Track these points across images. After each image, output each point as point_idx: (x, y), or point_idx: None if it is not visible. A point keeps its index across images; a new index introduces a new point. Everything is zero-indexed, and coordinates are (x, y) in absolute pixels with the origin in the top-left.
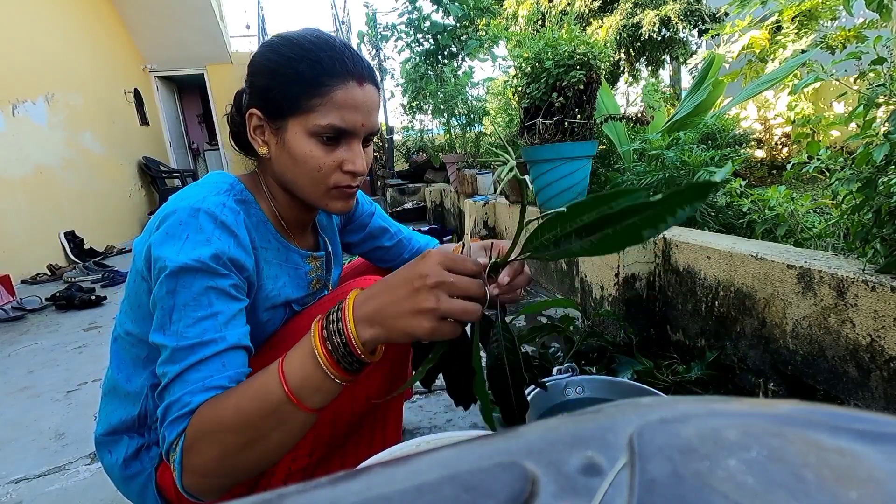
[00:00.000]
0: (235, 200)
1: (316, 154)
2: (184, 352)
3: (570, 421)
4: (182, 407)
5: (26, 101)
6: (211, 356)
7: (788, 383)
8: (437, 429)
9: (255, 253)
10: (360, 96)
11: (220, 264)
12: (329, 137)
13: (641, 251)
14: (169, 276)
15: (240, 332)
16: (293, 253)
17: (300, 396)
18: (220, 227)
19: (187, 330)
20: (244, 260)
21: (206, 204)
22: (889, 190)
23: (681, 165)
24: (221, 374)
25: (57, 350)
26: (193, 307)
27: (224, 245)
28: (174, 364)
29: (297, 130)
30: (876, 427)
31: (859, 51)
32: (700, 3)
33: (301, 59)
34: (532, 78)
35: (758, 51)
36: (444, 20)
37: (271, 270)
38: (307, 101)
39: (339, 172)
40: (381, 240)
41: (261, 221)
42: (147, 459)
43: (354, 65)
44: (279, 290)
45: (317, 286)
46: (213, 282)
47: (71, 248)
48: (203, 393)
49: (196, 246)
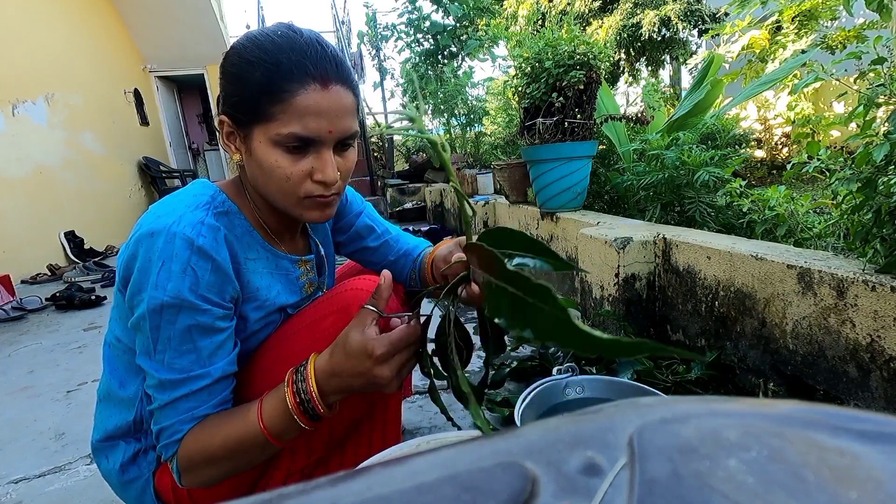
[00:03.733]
0: (216, 214)
1: (282, 164)
2: (171, 384)
3: (570, 421)
4: (173, 433)
5: (26, 101)
6: (197, 390)
7: (788, 383)
8: (437, 429)
9: (240, 267)
10: (325, 101)
11: (199, 297)
12: (294, 146)
13: (641, 251)
14: (151, 312)
15: (223, 363)
16: (282, 259)
17: (276, 436)
18: (196, 252)
19: (173, 361)
20: (222, 284)
21: (182, 226)
22: (889, 190)
23: (680, 165)
24: (207, 403)
25: (57, 350)
26: (178, 342)
27: (202, 273)
28: (164, 393)
29: (261, 140)
30: (876, 427)
31: (859, 51)
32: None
33: (259, 62)
34: (532, 78)
35: (758, 51)
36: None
37: (263, 280)
38: (267, 109)
39: (309, 182)
40: (366, 240)
41: (246, 231)
42: (144, 464)
43: (317, 66)
44: (273, 298)
45: (310, 289)
46: (193, 319)
47: (71, 248)
48: (191, 422)
49: (173, 278)
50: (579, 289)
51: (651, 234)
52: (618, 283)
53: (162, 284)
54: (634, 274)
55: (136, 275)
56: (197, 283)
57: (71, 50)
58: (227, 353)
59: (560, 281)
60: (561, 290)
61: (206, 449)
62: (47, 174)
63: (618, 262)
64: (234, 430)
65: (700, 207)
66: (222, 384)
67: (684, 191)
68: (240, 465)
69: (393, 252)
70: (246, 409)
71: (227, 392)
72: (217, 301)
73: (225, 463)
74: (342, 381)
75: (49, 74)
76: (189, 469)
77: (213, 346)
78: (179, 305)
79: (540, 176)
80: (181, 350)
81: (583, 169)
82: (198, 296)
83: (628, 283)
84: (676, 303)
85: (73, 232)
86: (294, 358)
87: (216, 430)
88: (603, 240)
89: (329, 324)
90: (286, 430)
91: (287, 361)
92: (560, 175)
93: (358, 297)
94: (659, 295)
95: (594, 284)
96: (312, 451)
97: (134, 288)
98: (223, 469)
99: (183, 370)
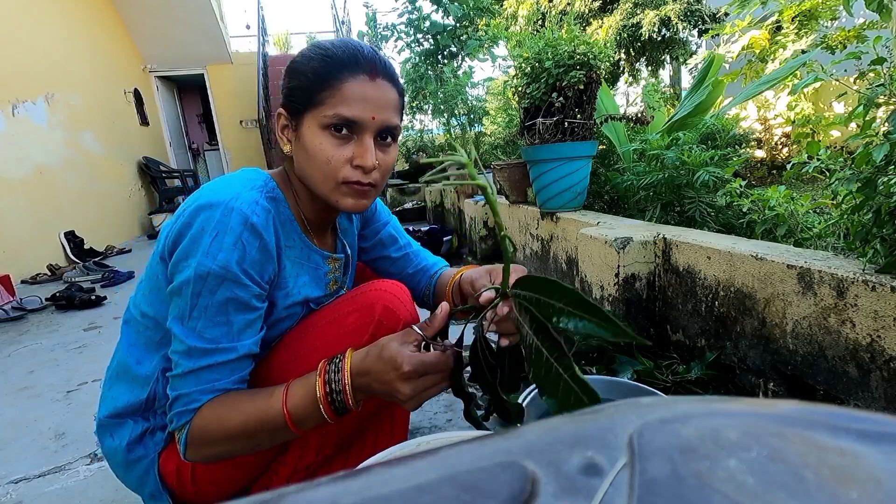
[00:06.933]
0: (267, 198)
1: (325, 147)
2: (200, 352)
3: (570, 421)
4: (190, 402)
5: (26, 101)
6: (223, 363)
7: (788, 383)
8: (437, 429)
9: (280, 252)
10: (371, 90)
11: (243, 272)
12: (338, 129)
13: (641, 251)
14: (197, 278)
15: (250, 342)
16: (315, 253)
17: (296, 423)
18: (249, 229)
19: (206, 331)
20: (265, 263)
21: (240, 202)
22: (889, 190)
23: (680, 165)
24: (229, 378)
25: (57, 350)
26: (214, 312)
27: (250, 248)
28: (190, 360)
29: (311, 124)
30: (876, 427)
31: (859, 51)
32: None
33: (317, 56)
34: (532, 78)
35: (758, 51)
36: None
37: (293, 269)
38: (319, 95)
39: (348, 167)
40: (388, 249)
41: (288, 220)
42: (151, 444)
43: (367, 61)
44: (299, 288)
45: (333, 287)
46: (233, 292)
47: (71, 248)
48: (211, 393)
49: (224, 249)
50: (579, 289)
51: (651, 234)
52: (618, 283)
53: (213, 253)
54: (634, 274)
55: (186, 242)
56: (244, 257)
57: (71, 50)
58: (255, 333)
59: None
60: None
61: (223, 423)
62: (47, 174)
63: (618, 262)
64: (255, 410)
65: (700, 207)
66: (245, 362)
67: (684, 191)
68: (251, 446)
69: (412, 266)
70: (270, 391)
71: (247, 372)
72: (257, 280)
73: (238, 441)
74: (367, 381)
75: (49, 74)
76: (199, 442)
77: (244, 322)
78: (224, 276)
79: (540, 176)
80: (215, 321)
81: (583, 169)
82: (242, 270)
83: (628, 283)
84: (676, 303)
85: (73, 232)
86: (315, 352)
87: (237, 406)
88: (603, 240)
89: (352, 321)
90: (308, 418)
91: (308, 355)
92: (560, 175)
93: (382, 297)
94: (659, 295)
95: (594, 284)
96: (321, 449)
97: (181, 254)
98: (234, 447)
99: (212, 341)
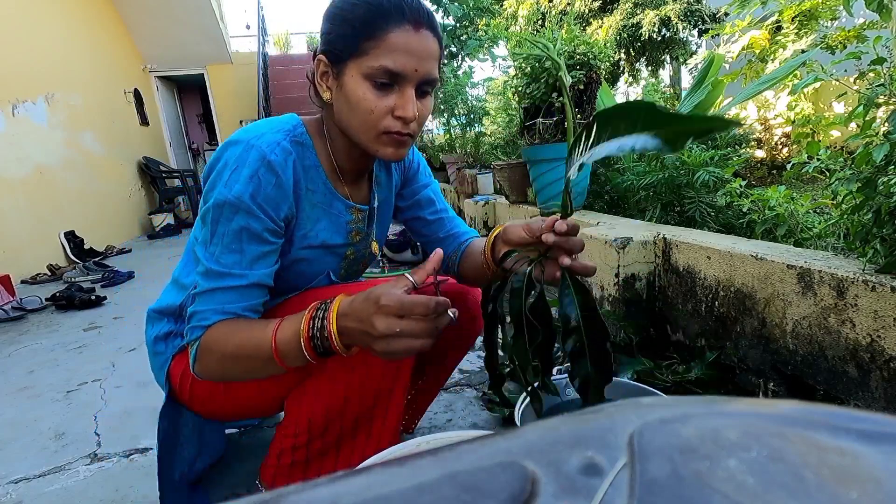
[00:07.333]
0: (292, 141)
1: (369, 97)
2: (215, 275)
3: (570, 421)
4: (202, 319)
5: (26, 101)
6: (233, 287)
7: (788, 383)
8: (437, 429)
9: (299, 194)
10: (415, 41)
11: (256, 205)
12: (382, 82)
13: (641, 251)
14: (215, 206)
15: (262, 273)
16: (337, 201)
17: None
18: (265, 166)
19: (222, 256)
20: (280, 201)
21: (262, 142)
22: (889, 190)
23: (680, 165)
24: (238, 303)
25: (57, 350)
26: (229, 240)
27: (265, 184)
28: (207, 280)
29: (354, 73)
30: (876, 427)
31: (859, 51)
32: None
33: (362, 3)
34: (532, 78)
35: (758, 51)
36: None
37: (313, 212)
38: (363, 44)
39: (389, 117)
40: (424, 211)
41: (313, 166)
42: (170, 346)
43: (412, 11)
44: (318, 232)
45: (356, 238)
46: (246, 222)
47: (71, 248)
48: (221, 314)
49: (240, 181)
50: None
51: (651, 234)
52: (618, 283)
53: (230, 185)
54: (634, 274)
55: (213, 174)
56: (258, 192)
57: (71, 50)
58: (268, 266)
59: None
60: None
61: (222, 343)
62: (47, 174)
63: (618, 262)
64: (250, 336)
65: (700, 207)
66: (256, 291)
67: (684, 191)
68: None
69: (444, 230)
70: (269, 322)
71: (259, 302)
72: (271, 215)
73: (235, 363)
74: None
75: (49, 74)
76: (204, 358)
77: (257, 253)
78: (238, 206)
79: (540, 176)
80: (230, 248)
81: (583, 169)
82: (256, 203)
83: (628, 283)
84: (676, 303)
85: (73, 232)
86: None
87: (239, 330)
88: (603, 240)
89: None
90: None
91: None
92: (560, 175)
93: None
94: (659, 295)
95: (594, 284)
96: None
97: (209, 185)
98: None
99: (226, 266)
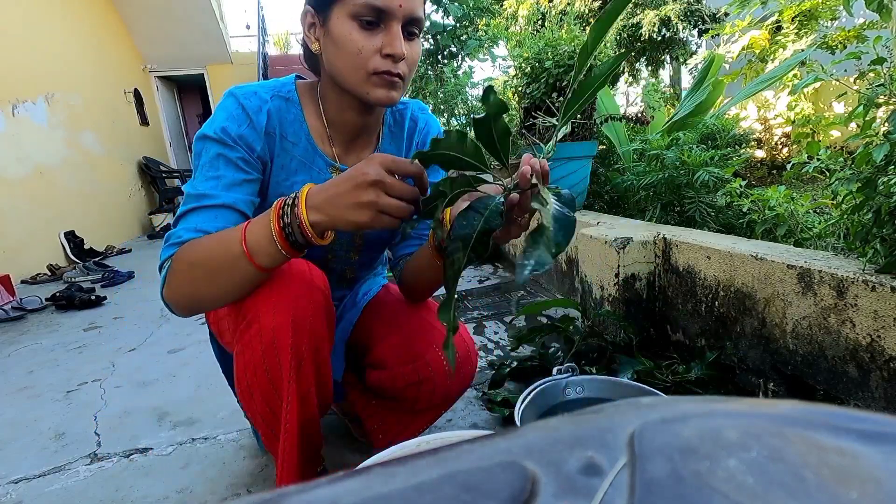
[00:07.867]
0: (274, 96)
1: (355, 37)
2: (192, 198)
3: (570, 421)
4: (176, 238)
5: (26, 101)
6: (207, 207)
7: (788, 383)
8: (436, 429)
9: (273, 139)
10: None
11: (230, 139)
12: (368, 20)
13: (641, 251)
14: (197, 140)
15: (235, 197)
16: (319, 158)
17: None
18: (239, 108)
19: (199, 183)
20: (252, 140)
21: (241, 91)
22: (889, 190)
23: (680, 165)
24: (211, 223)
25: (57, 350)
26: (207, 168)
27: (239, 122)
28: (185, 204)
29: (339, 15)
30: (876, 427)
31: (859, 51)
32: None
33: None
34: (532, 78)
35: (758, 51)
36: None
37: (292, 164)
38: None
39: (378, 57)
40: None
41: (297, 120)
42: None
43: None
44: (293, 182)
45: None
46: (223, 150)
47: (71, 248)
48: (193, 232)
49: (218, 119)
50: (579, 289)
51: (651, 234)
52: (618, 283)
53: (211, 123)
54: (634, 274)
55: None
56: (232, 128)
57: (71, 50)
58: (245, 193)
59: (559, 281)
60: (561, 291)
61: (191, 252)
62: (47, 174)
63: (618, 262)
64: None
65: (700, 207)
66: (230, 213)
67: (684, 191)
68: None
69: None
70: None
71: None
72: (245, 148)
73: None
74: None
75: (49, 74)
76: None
77: (234, 179)
78: (214, 139)
79: None
80: (208, 175)
81: (583, 169)
82: (230, 137)
83: (628, 283)
84: (676, 303)
85: (73, 232)
86: None
87: (207, 240)
88: (603, 240)
89: None
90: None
91: None
92: (560, 175)
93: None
94: (659, 295)
95: (594, 284)
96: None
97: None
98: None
99: (203, 190)
